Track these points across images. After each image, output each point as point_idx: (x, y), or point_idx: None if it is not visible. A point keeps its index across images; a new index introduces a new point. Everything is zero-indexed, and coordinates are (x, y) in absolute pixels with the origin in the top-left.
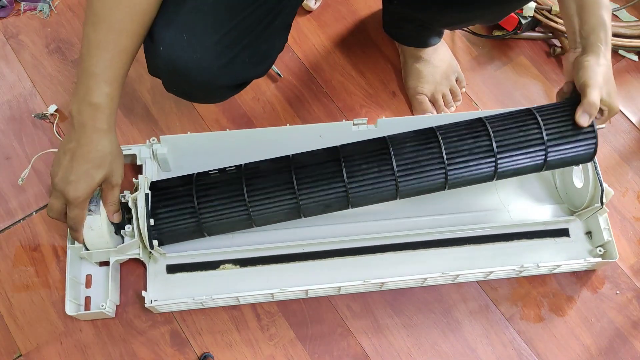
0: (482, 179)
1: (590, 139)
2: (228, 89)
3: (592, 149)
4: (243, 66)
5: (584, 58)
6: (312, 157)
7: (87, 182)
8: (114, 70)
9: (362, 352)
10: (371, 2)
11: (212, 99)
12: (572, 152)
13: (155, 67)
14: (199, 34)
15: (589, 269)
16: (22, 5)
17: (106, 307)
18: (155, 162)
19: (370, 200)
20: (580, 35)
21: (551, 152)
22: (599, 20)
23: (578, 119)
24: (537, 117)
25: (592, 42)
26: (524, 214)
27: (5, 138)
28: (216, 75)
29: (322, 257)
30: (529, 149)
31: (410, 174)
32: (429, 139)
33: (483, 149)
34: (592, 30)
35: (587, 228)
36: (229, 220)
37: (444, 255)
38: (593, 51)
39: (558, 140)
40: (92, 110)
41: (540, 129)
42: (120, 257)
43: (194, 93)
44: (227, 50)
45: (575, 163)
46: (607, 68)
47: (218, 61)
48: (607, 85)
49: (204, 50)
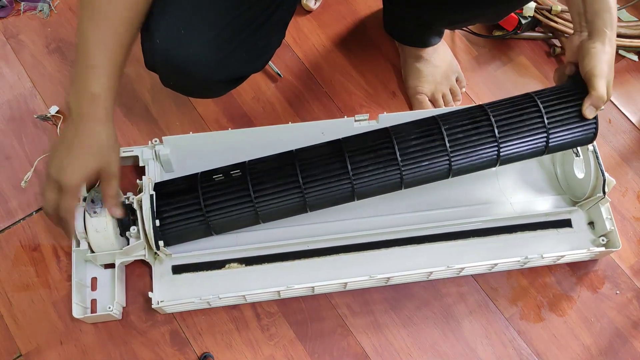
0: (486, 165)
1: (591, 121)
2: (225, 84)
3: (592, 131)
4: (240, 61)
5: (590, 44)
6: (315, 151)
7: (82, 169)
8: (111, 60)
9: (362, 352)
10: (371, 2)
11: (209, 94)
12: (573, 135)
13: (152, 61)
14: (196, 28)
15: (592, 258)
16: (22, 5)
17: (113, 309)
18: (158, 163)
19: (375, 191)
20: (585, 19)
21: (552, 136)
22: (604, 4)
23: (585, 111)
24: (537, 102)
25: (597, 26)
26: (526, 205)
27: (5, 138)
28: (213, 70)
29: (327, 253)
30: (530, 134)
31: (414, 163)
32: (431, 128)
33: (485, 135)
34: (597, 13)
35: (590, 218)
36: (235, 217)
37: (448, 249)
38: (599, 36)
39: (559, 124)
40: (90, 100)
41: (541, 114)
42: (125, 258)
43: (191, 87)
44: (225, 45)
45: (576, 145)
46: (612, 55)
47: (215, 56)
48: (610, 74)
49: (201, 45)
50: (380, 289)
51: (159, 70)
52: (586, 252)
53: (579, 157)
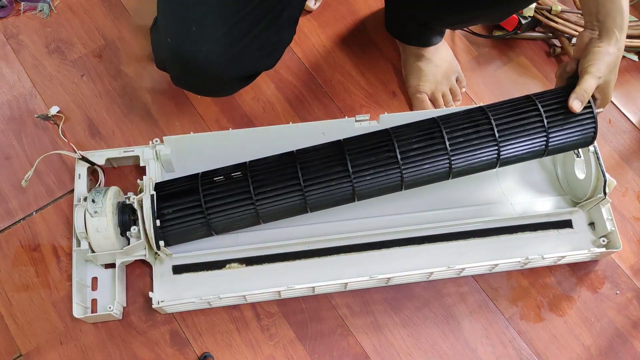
0: (486, 166)
1: (590, 122)
2: (237, 81)
3: (591, 132)
4: (252, 58)
5: (596, 43)
6: (316, 152)
7: None
8: None
9: (362, 352)
10: (371, 2)
11: (220, 92)
12: (572, 137)
13: (162, 60)
14: (208, 25)
15: (592, 259)
16: (22, 5)
17: (114, 309)
18: (159, 163)
19: (376, 192)
20: (597, 19)
21: (552, 137)
22: (616, 4)
23: (571, 104)
24: (537, 104)
25: (608, 27)
26: (527, 206)
27: (5, 138)
28: (226, 67)
29: (328, 254)
30: (530, 135)
31: (414, 164)
32: (431, 130)
33: (485, 137)
34: (609, 14)
35: (590, 219)
36: (236, 217)
37: (449, 249)
38: (608, 37)
39: (558, 125)
40: None
41: (541, 115)
42: (126, 258)
43: (202, 86)
44: (237, 42)
45: (575, 147)
46: (616, 57)
47: (227, 53)
48: (610, 74)
49: (213, 42)
50: (380, 290)
51: (170, 68)
52: (587, 253)
53: (579, 158)
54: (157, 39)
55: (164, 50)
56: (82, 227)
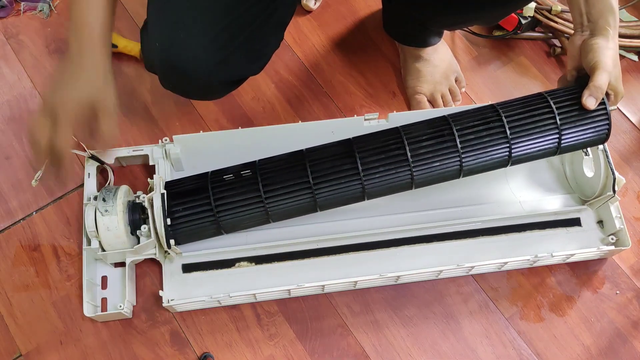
0: (497, 165)
1: (603, 120)
2: (224, 86)
3: (605, 131)
4: (239, 63)
5: (593, 41)
6: (325, 151)
7: (77, 99)
8: None
9: (362, 352)
10: (371, 2)
11: (208, 96)
12: (585, 135)
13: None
14: (195, 30)
15: (601, 257)
16: (22, 5)
17: (124, 307)
18: (168, 162)
19: (386, 191)
20: (587, 19)
21: (565, 135)
22: (607, 5)
23: (585, 101)
24: (549, 101)
25: (600, 25)
26: (536, 204)
27: (5, 138)
28: (212, 72)
29: (337, 252)
30: (542, 134)
31: (425, 163)
32: (442, 128)
33: (497, 135)
34: (601, 14)
35: (599, 217)
36: (245, 217)
37: (458, 248)
38: (602, 34)
39: (571, 123)
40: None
41: (554, 113)
42: (136, 257)
43: (190, 89)
44: (223, 48)
45: (588, 146)
46: (615, 52)
47: (214, 58)
48: (615, 69)
49: (200, 48)
50: (380, 289)
51: (158, 72)
52: (596, 251)
53: (588, 155)
54: (146, 42)
55: (152, 54)
56: (93, 225)
